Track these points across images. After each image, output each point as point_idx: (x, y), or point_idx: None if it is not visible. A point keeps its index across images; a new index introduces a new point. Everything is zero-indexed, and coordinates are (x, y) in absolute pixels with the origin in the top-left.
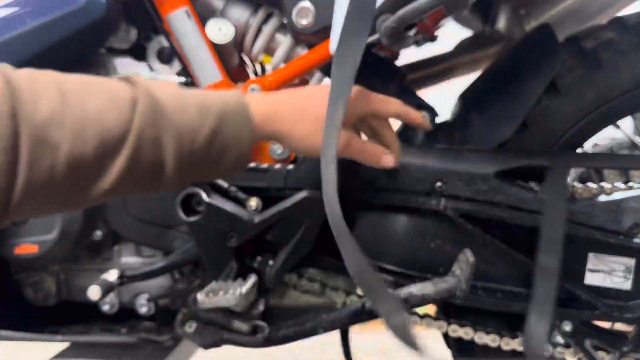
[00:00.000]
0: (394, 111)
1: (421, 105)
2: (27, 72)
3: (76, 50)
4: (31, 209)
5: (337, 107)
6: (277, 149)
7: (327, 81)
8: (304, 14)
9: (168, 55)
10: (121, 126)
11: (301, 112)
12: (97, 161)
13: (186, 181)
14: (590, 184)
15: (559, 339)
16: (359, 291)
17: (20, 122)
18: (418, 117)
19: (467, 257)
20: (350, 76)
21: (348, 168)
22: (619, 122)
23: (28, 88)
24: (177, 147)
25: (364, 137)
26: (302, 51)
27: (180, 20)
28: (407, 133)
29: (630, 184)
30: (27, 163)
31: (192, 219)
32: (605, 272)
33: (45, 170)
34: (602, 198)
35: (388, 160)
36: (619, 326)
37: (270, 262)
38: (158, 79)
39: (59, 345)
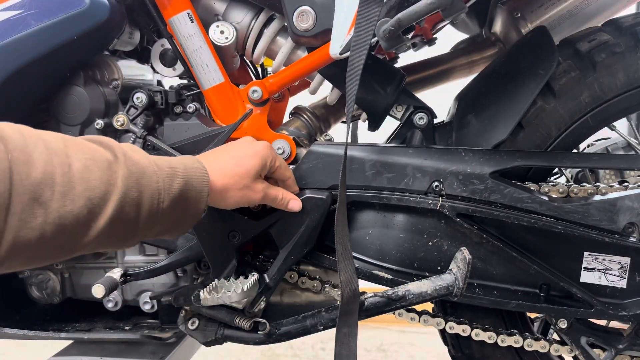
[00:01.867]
0: (288, 180)
1: (419, 107)
2: (16, 128)
3: (80, 52)
4: (19, 263)
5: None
6: (279, 149)
7: (327, 83)
8: (304, 17)
9: (171, 58)
10: (104, 186)
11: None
12: (83, 218)
13: (147, 238)
14: (586, 184)
15: (555, 336)
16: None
17: (14, 182)
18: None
19: (464, 255)
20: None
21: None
22: (614, 122)
23: (20, 146)
24: (151, 206)
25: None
26: (302, 54)
27: (183, 23)
28: (404, 134)
29: (625, 183)
30: (18, 221)
31: None
32: (601, 271)
33: (36, 228)
34: (598, 198)
35: (295, 205)
36: (615, 324)
37: (272, 261)
38: (124, 143)
39: (62, 343)
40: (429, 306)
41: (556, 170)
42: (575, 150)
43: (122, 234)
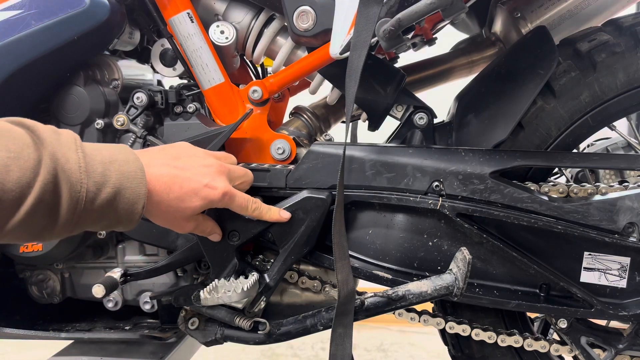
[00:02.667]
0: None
1: (419, 107)
2: None
3: (80, 52)
4: None
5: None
6: (279, 149)
7: (327, 83)
8: (304, 17)
9: (171, 58)
10: (20, 189)
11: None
12: None
13: (74, 233)
14: (586, 184)
15: (555, 336)
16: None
17: None
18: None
19: (464, 255)
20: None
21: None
22: (614, 122)
23: None
24: (70, 212)
25: None
26: (302, 54)
27: (183, 23)
28: (404, 134)
29: (625, 183)
30: None
31: None
32: (601, 271)
33: None
34: (598, 198)
35: (215, 237)
36: (615, 324)
37: (272, 260)
38: (63, 138)
39: (62, 343)
40: (429, 306)
41: (556, 170)
42: (575, 150)
43: (36, 232)
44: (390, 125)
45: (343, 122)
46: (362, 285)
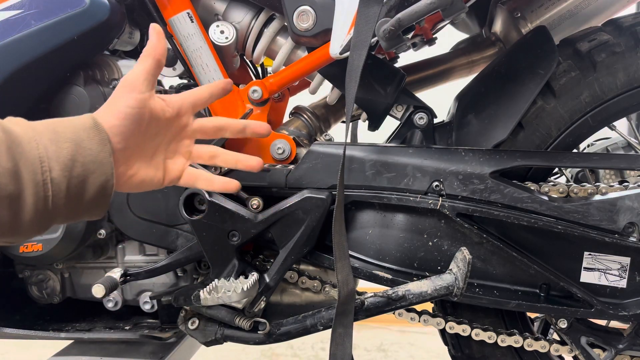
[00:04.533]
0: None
1: (419, 107)
2: None
3: (80, 52)
4: None
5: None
6: (279, 149)
7: (327, 83)
8: (304, 17)
9: (171, 58)
10: None
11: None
12: None
13: (50, 220)
14: (586, 184)
15: (555, 336)
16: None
17: None
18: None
19: (464, 255)
20: None
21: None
22: (614, 122)
23: None
24: (34, 176)
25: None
26: (302, 54)
27: (183, 23)
28: (404, 134)
29: (625, 183)
30: None
31: (195, 217)
32: (601, 271)
33: None
34: (598, 197)
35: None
36: (615, 324)
37: (272, 260)
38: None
39: (62, 343)
40: (429, 306)
41: (556, 170)
42: (575, 150)
43: (4, 213)
44: (390, 125)
45: (343, 122)
46: (362, 285)
